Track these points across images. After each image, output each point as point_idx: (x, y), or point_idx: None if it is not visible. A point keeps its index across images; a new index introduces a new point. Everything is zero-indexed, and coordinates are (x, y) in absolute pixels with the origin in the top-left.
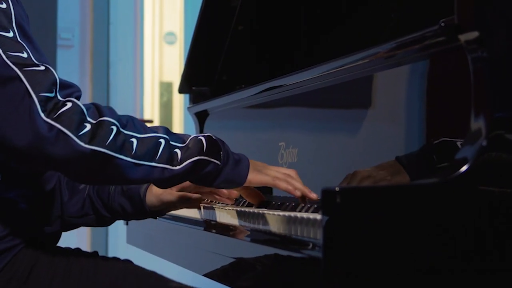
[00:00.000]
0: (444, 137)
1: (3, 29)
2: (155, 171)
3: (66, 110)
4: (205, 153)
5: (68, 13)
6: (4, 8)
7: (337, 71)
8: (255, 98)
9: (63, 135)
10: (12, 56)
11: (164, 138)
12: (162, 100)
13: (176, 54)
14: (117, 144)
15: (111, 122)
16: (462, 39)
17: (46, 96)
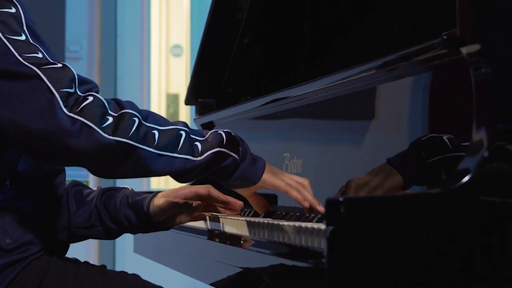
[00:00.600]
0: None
1: (15, 33)
2: (176, 162)
3: (89, 104)
4: (225, 145)
5: (76, 26)
6: (13, 13)
7: (341, 83)
8: (260, 110)
9: (87, 127)
10: (28, 57)
11: (184, 130)
12: (168, 112)
13: (183, 66)
14: (139, 135)
15: (133, 114)
16: (464, 51)
17: (67, 92)
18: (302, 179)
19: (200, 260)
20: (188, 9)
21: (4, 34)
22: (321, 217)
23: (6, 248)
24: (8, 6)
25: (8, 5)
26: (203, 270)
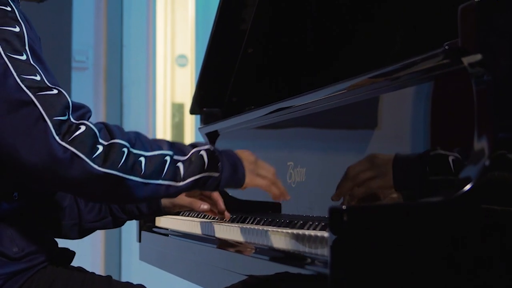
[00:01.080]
0: (448, 157)
1: (16, 52)
2: (161, 189)
3: (80, 134)
4: (206, 169)
5: (83, 36)
6: (17, 32)
7: (344, 92)
8: (264, 119)
9: (77, 158)
10: (26, 79)
11: (168, 155)
12: (174, 121)
13: (188, 76)
14: (128, 166)
15: (122, 144)
16: (466, 61)
17: (60, 120)
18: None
19: (205, 267)
20: (193, 19)
21: (5, 52)
22: (325, 225)
23: (14, 257)
24: (13, 25)
25: (13, 24)
26: (208, 277)
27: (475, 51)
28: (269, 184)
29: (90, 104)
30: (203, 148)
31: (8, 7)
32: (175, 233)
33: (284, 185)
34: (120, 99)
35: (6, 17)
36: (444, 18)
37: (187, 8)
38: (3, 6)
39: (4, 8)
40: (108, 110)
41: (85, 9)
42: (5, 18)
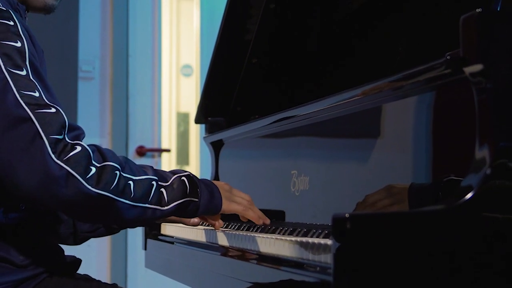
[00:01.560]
0: (450, 165)
1: (17, 67)
2: (148, 212)
3: (75, 154)
4: (188, 194)
5: (89, 46)
6: (18, 47)
7: (347, 102)
8: (268, 128)
9: (72, 177)
10: (25, 95)
11: (154, 179)
12: (179, 130)
13: (193, 86)
14: (119, 188)
15: (115, 166)
16: (467, 71)
17: (56, 138)
18: (247, 195)
19: (209, 275)
20: (198, 30)
21: (6, 67)
22: (328, 232)
23: (20, 264)
24: (14, 40)
25: (15, 39)
26: (213, 284)
27: (476, 61)
28: (245, 208)
29: (96, 114)
30: (184, 174)
31: (11, 21)
32: (180, 241)
33: (288, 193)
34: (126, 109)
35: (8, 32)
36: (445, 29)
37: (192, 19)
38: (5, 20)
39: (7, 22)
40: (114, 120)
41: (91, 20)
42: (7, 33)
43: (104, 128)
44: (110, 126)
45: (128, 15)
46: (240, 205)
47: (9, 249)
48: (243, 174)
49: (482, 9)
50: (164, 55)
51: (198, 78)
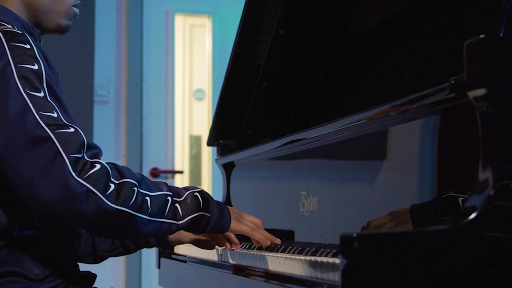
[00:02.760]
0: (454, 186)
1: (35, 90)
2: (164, 226)
3: (95, 172)
4: (201, 209)
5: (104, 71)
6: (36, 69)
7: (354, 125)
8: (278, 151)
9: (92, 194)
10: (44, 116)
11: (169, 195)
12: (191, 152)
13: (205, 109)
14: (137, 204)
15: (132, 183)
16: (471, 95)
17: (76, 157)
18: (257, 219)
19: None
20: (210, 55)
21: (24, 89)
22: (336, 251)
23: (35, 279)
24: (32, 63)
25: (32, 62)
26: None
27: (479, 85)
28: (252, 230)
29: (112, 136)
30: (197, 190)
31: (27, 45)
32: (192, 260)
33: (297, 214)
34: (140, 132)
35: (26, 55)
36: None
37: (204, 45)
38: (22, 44)
39: (24, 46)
40: (128, 142)
41: (106, 46)
42: (24, 56)
43: (119, 150)
44: (125, 148)
45: (142, 41)
46: (248, 226)
47: (23, 264)
48: (253, 195)
49: (485, 35)
50: (177, 79)
51: (210, 102)
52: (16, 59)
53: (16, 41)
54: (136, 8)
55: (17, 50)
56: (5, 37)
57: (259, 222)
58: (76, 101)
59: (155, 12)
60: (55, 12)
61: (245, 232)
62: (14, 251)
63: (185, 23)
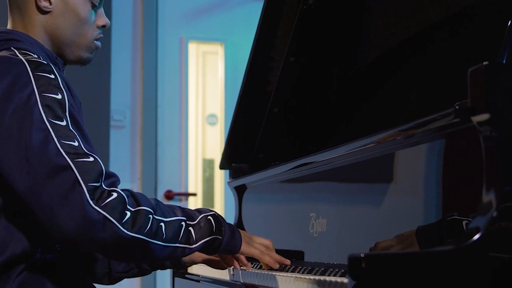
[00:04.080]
0: (459, 208)
1: (58, 118)
2: (178, 251)
3: (112, 200)
4: (214, 232)
5: (120, 97)
6: (59, 99)
7: (362, 149)
8: (288, 174)
9: (109, 222)
10: (65, 145)
11: (183, 220)
12: (204, 175)
13: (217, 134)
14: (152, 231)
15: (148, 211)
16: (475, 120)
17: (94, 186)
18: (268, 241)
19: None
20: (222, 81)
21: (47, 118)
22: (344, 271)
23: None
24: (56, 92)
25: (56, 91)
26: None
27: (483, 110)
28: (261, 253)
29: (127, 160)
30: (210, 214)
31: (52, 74)
32: (206, 279)
33: (306, 235)
34: (155, 155)
35: (50, 85)
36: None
37: (217, 71)
38: (47, 74)
39: (48, 76)
40: (144, 166)
41: (122, 72)
42: (48, 85)
43: (135, 173)
44: (140, 171)
45: (157, 67)
46: (258, 249)
47: (44, 286)
48: (265, 216)
49: (488, 63)
50: (190, 105)
51: (222, 127)
52: (41, 88)
53: (41, 71)
54: (151, 36)
55: (42, 79)
56: (30, 66)
57: (270, 244)
58: (93, 126)
59: (169, 40)
60: (78, 45)
61: (255, 255)
62: (36, 274)
63: (198, 50)
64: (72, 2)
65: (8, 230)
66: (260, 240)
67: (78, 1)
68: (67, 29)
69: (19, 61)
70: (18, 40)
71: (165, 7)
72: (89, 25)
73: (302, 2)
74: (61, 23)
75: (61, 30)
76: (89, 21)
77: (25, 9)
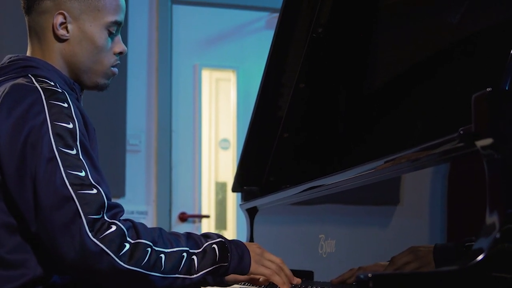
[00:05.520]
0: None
1: (67, 147)
2: (177, 281)
3: (110, 233)
4: (218, 261)
5: (136, 122)
6: (70, 128)
7: (369, 172)
8: (298, 196)
9: (106, 254)
10: (71, 175)
11: (185, 250)
12: (217, 198)
13: (230, 157)
14: (150, 263)
15: (146, 244)
16: (479, 144)
17: (94, 218)
18: (278, 259)
19: None
20: (234, 107)
21: (57, 146)
22: None
23: None
24: (67, 121)
25: (67, 120)
26: None
27: (487, 135)
28: (272, 273)
29: (143, 183)
30: (216, 241)
31: (65, 103)
32: None
33: (315, 255)
34: (170, 178)
35: (62, 113)
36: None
37: (229, 97)
38: (60, 102)
39: (61, 104)
40: (158, 188)
41: (138, 98)
42: (61, 114)
43: (150, 196)
44: (155, 194)
45: (171, 93)
46: (268, 269)
47: None
48: (275, 237)
49: (492, 89)
50: (204, 129)
51: (234, 151)
52: (53, 116)
53: (54, 99)
54: (166, 63)
55: (55, 108)
56: (45, 94)
57: (280, 261)
58: (109, 150)
59: (183, 67)
60: (95, 72)
61: (265, 274)
62: None
63: (211, 77)
64: (89, 30)
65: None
66: (271, 257)
67: (94, 29)
68: (84, 56)
69: (35, 89)
70: (36, 67)
71: (179, 35)
72: (106, 52)
73: (311, 31)
74: (78, 51)
75: (79, 57)
76: (106, 48)
77: (43, 37)
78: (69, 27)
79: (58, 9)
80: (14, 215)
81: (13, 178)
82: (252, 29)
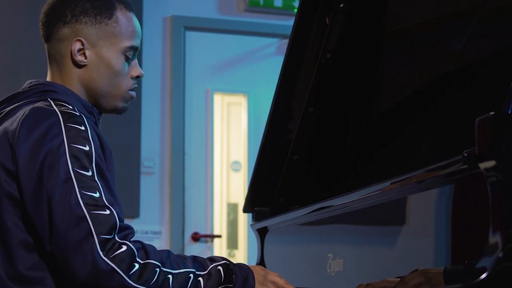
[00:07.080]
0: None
1: (83, 169)
2: None
3: (121, 253)
4: (223, 282)
5: (150, 145)
6: (86, 150)
7: (376, 194)
8: (308, 217)
9: (116, 273)
10: (85, 195)
11: (192, 272)
12: (229, 218)
13: (241, 179)
14: (158, 283)
15: (155, 264)
16: (482, 167)
17: (106, 238)
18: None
19: None
20: (245, 130)
21: (73, 167)
22: None
23: None
24: (84, 144)
25: (84, 143)
26: None
27: (490, 158)
28: None
29: (157, 204)
30: (221, 263)
31: (82, 126)
32: None
33: (324, 274)
34: (183, 200)
35: (79, 136)
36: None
37: (240, 121)
38: (77, 125)
39: (79, 127)
40: (172, 209)
41: (152, 121)
42: (77, 137)
43: (164, 216)
44: (169, 215)
45: (184, 117)
46: None
47: None
48: (285, 256)
49: (495, 113)
50: (216, 152)
51: (245, 173)
52: (70, 139)
53: (72, 122)
54: (179, 87)
55: (72, 130)
56: (63, 117)
57: (284, 282)
58: (125, 172)
59: (196, 92)
60: (113, 96)
61: None
62: None
63: (223, 101)
64: (106, 56)
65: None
66: (275, 279)
67: (112, 55)
68: (102, 81)
69: (53, 112)
70: (55, 92)
71: (192, 61)
72: (123, 76)
73: (320, 57)
74: (96, 76)
75: (97, 83)
76: (123, 72)
77: (62, 63)
78: (87, 53)
79: (75, 36)
80: (31, 233)
81: (31, 198)
82: (263, 55)
